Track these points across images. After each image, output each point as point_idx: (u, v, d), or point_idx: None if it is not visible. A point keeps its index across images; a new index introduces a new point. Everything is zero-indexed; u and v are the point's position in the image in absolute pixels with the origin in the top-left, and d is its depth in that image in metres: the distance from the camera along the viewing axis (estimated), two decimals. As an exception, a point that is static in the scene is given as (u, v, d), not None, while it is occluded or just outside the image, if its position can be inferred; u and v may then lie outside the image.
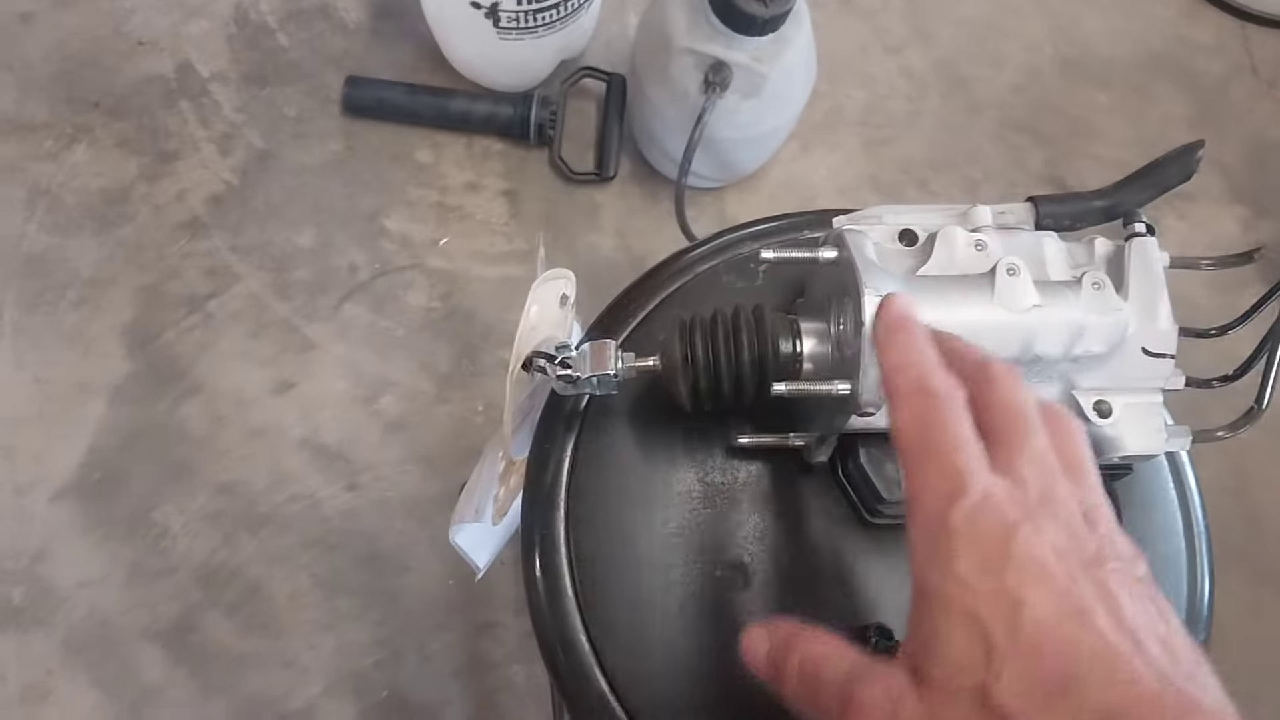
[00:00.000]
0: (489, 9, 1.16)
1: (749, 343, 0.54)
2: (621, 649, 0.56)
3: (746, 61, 1.12)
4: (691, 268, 0.65)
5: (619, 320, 0.63)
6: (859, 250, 0.51)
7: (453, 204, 1.31)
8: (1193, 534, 0.63)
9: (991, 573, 0.37)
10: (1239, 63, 1.50)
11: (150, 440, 1.19)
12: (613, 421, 0.60)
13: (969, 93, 1.44)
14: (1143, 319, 0.54)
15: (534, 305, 0.56)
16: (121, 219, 1.26)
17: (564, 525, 0.59)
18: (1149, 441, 0.55)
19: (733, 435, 0.59)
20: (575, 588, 0.57)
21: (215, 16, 1.36)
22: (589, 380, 0.55)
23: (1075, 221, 0.59)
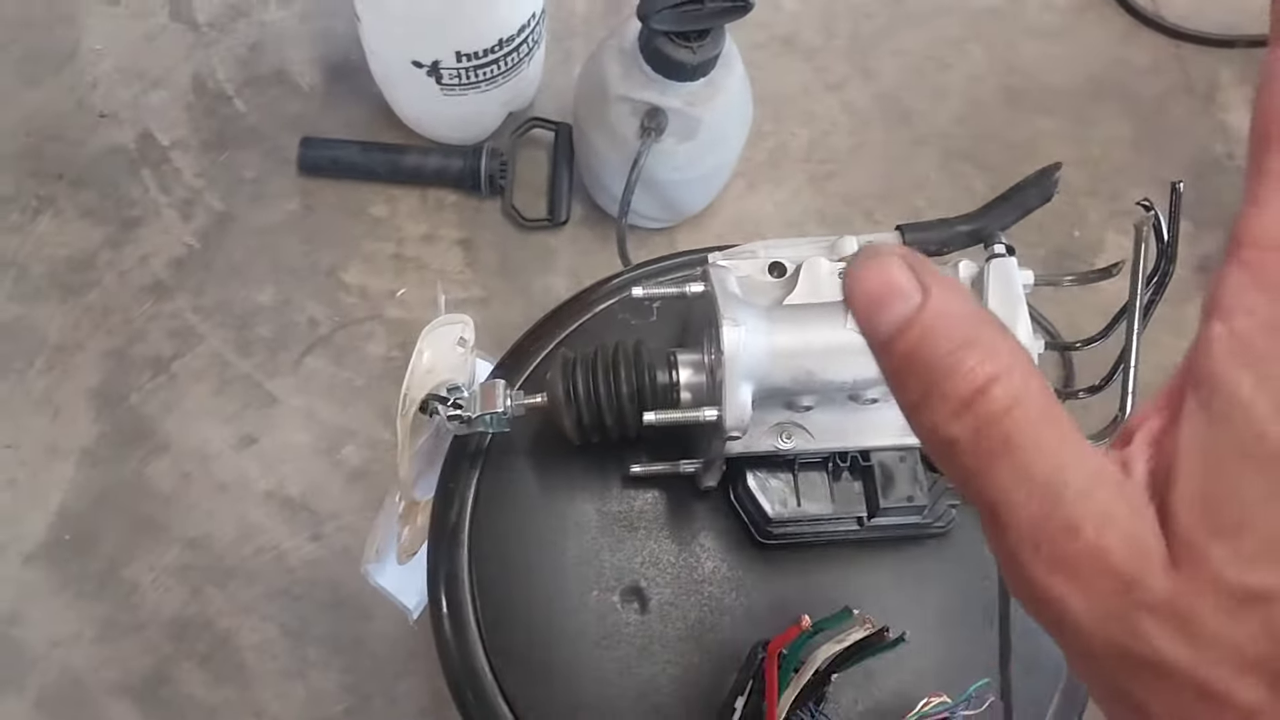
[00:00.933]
0: (430, 67, 1.20)
1: (627, 376, 0.56)
2: (525, 678, 0.59)
3: (680, 106, 1.16)
4: (590, 307, 0.68)
5: (521, 361, 0.66)
6: (720, 283, 0.54)
7: (409, 255, 1.34)
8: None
9: None
10: (1176, 82, 1.53)
11: (119, 499, 1.22)
12: (514, 459, 0.63)
13: (912, 125, 1.47)
14: (1002, 336, 0.56)
15: (426, 350, 0.59)
16: (87, 286, 1.30)
17: (468, 561, 0.61)
18: (1017, 454, 0.57)
19: (628, 465, 0.62)
20: (479, 621, 0.60)
21: (174, 86, 1.40)
22: (482, 419, 0.58)
23: (942, 246, 0.62)
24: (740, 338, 0.51)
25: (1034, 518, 0.24)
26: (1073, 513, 0.24)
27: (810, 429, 0.57)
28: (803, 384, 0.53)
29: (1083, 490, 0.24)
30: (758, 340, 0.52)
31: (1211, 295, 0.25)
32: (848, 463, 0.59)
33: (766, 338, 0.52)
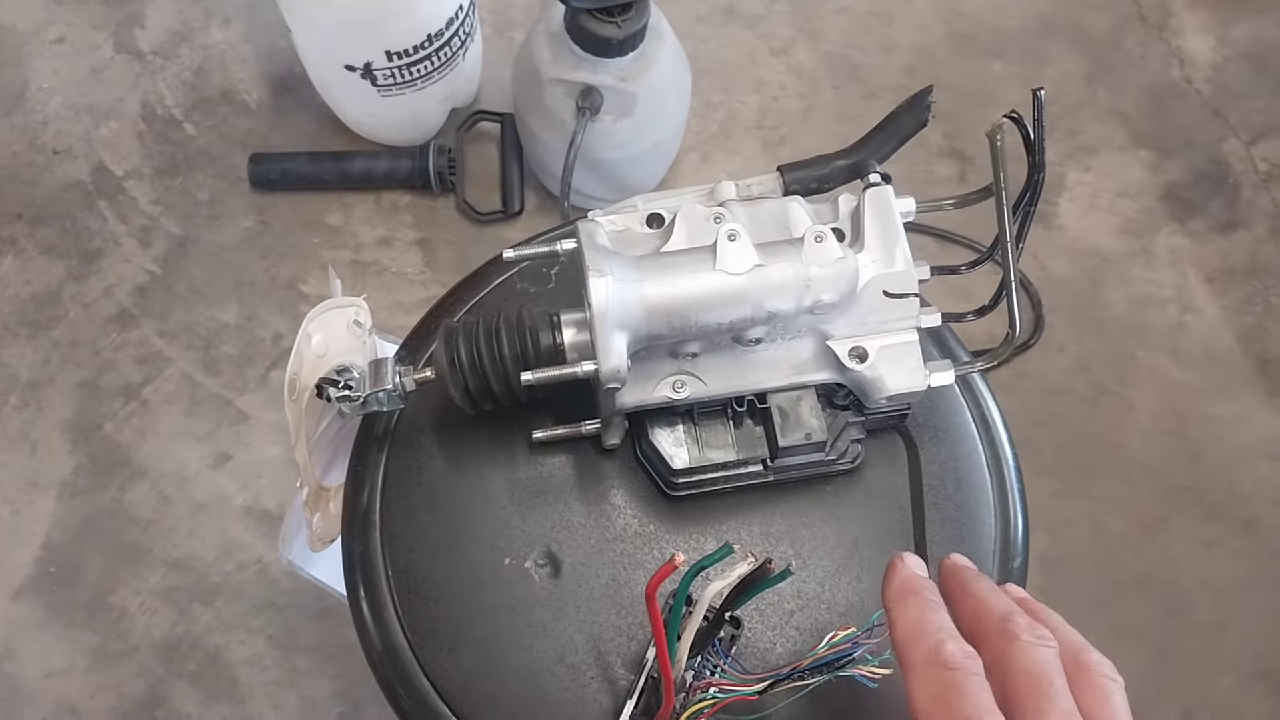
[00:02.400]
0: (364, 69, 1.20)
1: (509, 339, 0.56)
2: (445, 652, 0.59)
3: (612, 83, 1.16)
4: (490, 279, 0.68)
5: (425, 339, 0.66)
6: (589, 237, 0.54)
7: (368, 260, 1.34)
8: (1000, 464, 0.64)
9: None
10: (1126, 12, 1.51)
11: (101, 528, 1.23)
12: (420, 436, 0.63)
13: (862, 81, 1.46)
14: (881, 263, 0.56)
15: (315, 334, 0.59)
16: (53, 321, 1.31)
17: (380, 541, 0.61)
18: (910, 379, 0.56)
19: (532, 432, 0.61)
20: (395, 600, 0.60)
21: (124, 116, 1.41)
22: (374, 397, 0.58)
23: (823, 183, 0.61)
24: (608, 288, 0.51)
25: None
26: None
27: (702, 376, 0.56)
28: (679, 330, 0.53)
29: None
30: (627, 290, 0.51)
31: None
32: (744, 406, 0.58)
33: (636, 286, 0.52)
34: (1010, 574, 0.62)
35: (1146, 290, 1.36)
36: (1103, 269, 1.36)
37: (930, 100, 0.60)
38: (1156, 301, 1.36)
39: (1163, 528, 1.25)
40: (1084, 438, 1.28)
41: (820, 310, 0.54)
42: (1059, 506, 1.25)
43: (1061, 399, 1.29)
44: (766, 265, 0.53)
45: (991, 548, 0.62)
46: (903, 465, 0.62)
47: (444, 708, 0.58)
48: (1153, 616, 1.22)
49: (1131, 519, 1.26)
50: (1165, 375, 1.32)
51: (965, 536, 0.62)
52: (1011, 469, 0.64)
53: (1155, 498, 1.27)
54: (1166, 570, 1.24)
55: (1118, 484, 1.27)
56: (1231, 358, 1.34)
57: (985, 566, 0.62)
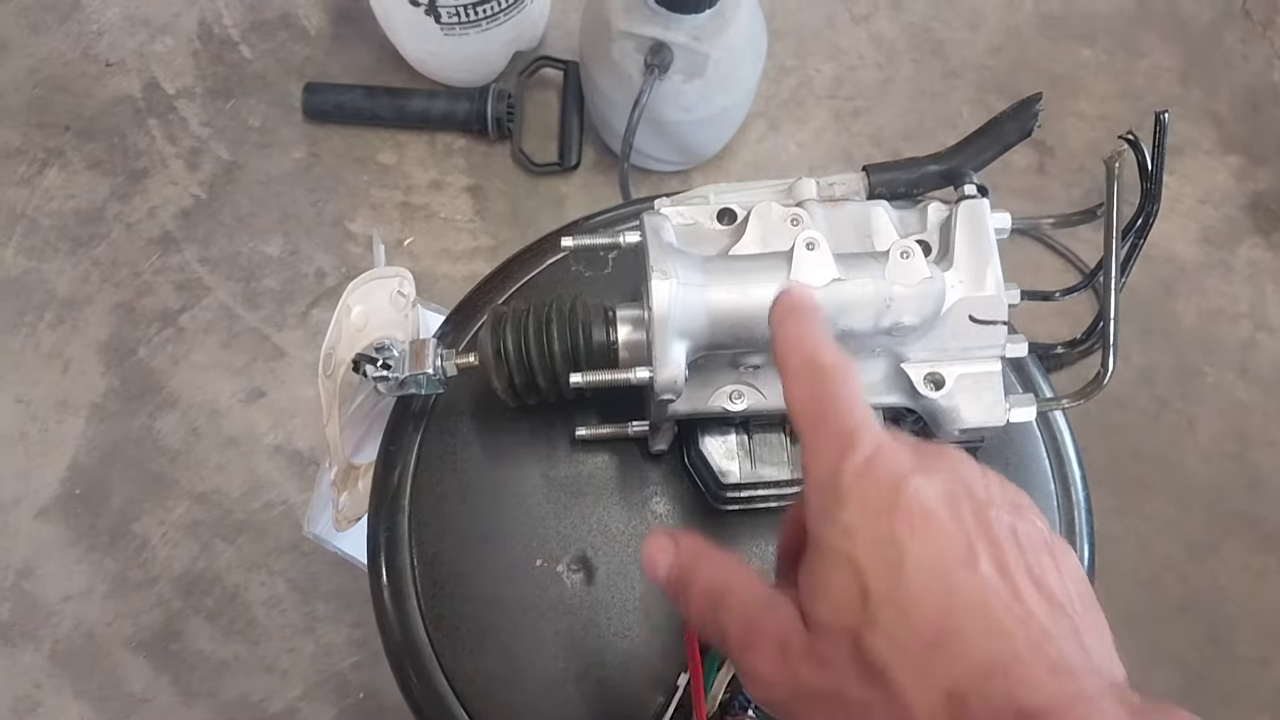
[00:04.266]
0: (428, 6, 1.16)
1: (560, 334, 0.52)
2: (465, 650, 0.56)
3: (686, 41, 1.10)
4: (542, 259, 0.64)
5: (469, 317, 0.63)
6: (655, 232, 0.50)
7: (417, 203, 1.31)
8: (1071, 503, 0.60)
9: (877, 521, 0.36)
10: (1230, 6, 1.43)
11: (129, 454, 1.21)
12: (458, 421, 0.60)
13: (944, 57, 1.40)
14: (969, 285, 0.51)
15: (356, 306, 0.55)
16: (95, 239, 1.29)
17: (408, 527, 0.58)
18: (989, 413, 0.52)
19: (576, 428, 0.58)
20: (418, 590, 0.57)
21: (180, 33, 1.38)
22: (413, 380, 0.55)
23: (912, 188, 0.56)
24: (671, 291, 0.47)
25: (736, 636, 0.39)
26: (758, 625, 0.39)
27: (762, 388, 0.53)
28: (743, 341, 0.49)
29: (760, 613, 0.39)
30: (691, 295, 0.47)
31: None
32: (806, 424, 0.54)
33: (701, 291, 0.48)
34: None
35: (1220, 304, 1.30)
36: (1176, 278, 1.30)
37: (1038, 108, 0.55)
38: (1229, 316, 1.30)
39: (1213, 553, 1.21)
40: (1141, 453, 1.22)
41: (899, 332, 0.50)
42: (1108, 522, 1.20)
43: (1121, 411, 1.24)
44: (845, 280, 0.48)
45: (1054, 594, 0.58)
46: (967, 498, 0.58)
47: (460, 710, 0.55)
48: (1193, 644, 1.18)
49: (1181, 541, 1.21)
50: (1231, 394, 1.26)
51: (1027, 580, 0.58)
52: (1083, 510, 0.60)
53: (1208, 521, 1.22)
54: (1212, 597, 1.19)
55: (1170, 504, 1.22)
56: (1302, 382, 1.28)
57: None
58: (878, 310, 0.49)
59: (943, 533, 0.36)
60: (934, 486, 0.37)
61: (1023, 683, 0.33)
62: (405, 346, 0.54)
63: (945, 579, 0.35)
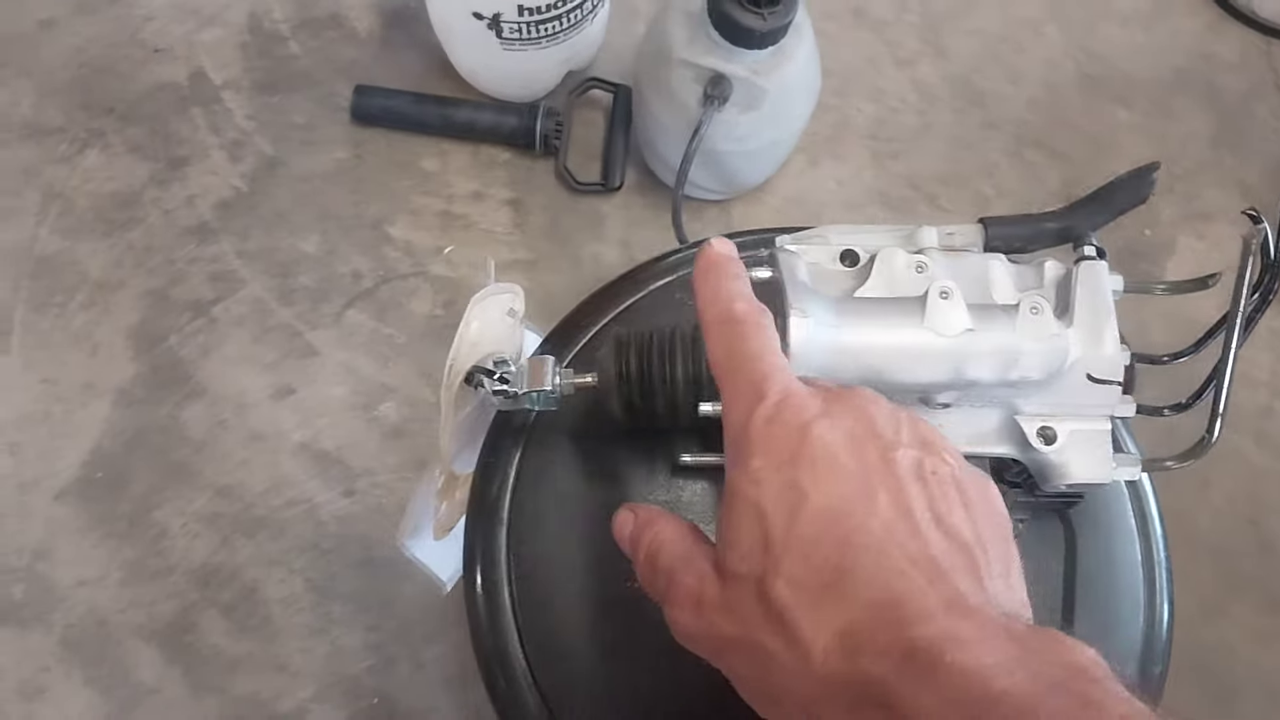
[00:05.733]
0: (491, 19, 1.17)
1: (684, 362, 0.53)
2: (558, 666, 0.56)
3: (745, 75, 1.12)
4: (644, 285, 0.65)
5: (571, 336, 0.64)
6: (790, 271, 0.51)
7: (458, 212, 1.31)
8: (1152, 564, 0.62)
9: (781, 468, 0.38)
10: (1263, 80, 1.47)
11: (153, 442, 1.20)
12: (559, 437, 0.60)
13: (984, 108, 1.42)
14: (1088, 344, 0.52)
15: (474, 320, 0.56)
16: (131, 223, 1.28)
17: (505, 541, 0.59)
18: (1096, 470, 0.54)
19: (677, 454, 0.59)
20: (514, 604, 0.57)
21: (229, 25, 1.38)
22: (528, 396, 0.55)
23: (1027, 244, 0.58)
24: (808, 331, 0.48)
25: (662, 589, 0.42)
26: (677, 578, 0.41)
27: (875, 430, 0.54)
28: (870, 383, 0.50)
29: (681, 567, 0.41)
30: (824, 334, 0.48)
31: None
32: (912, 467, 0.55)
33: (834, 332, 0.49)
34: (1151, 680, 0.60)
35: (1241, 369, 1.32)
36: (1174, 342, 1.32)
37: (1154, 176, 0.57)
38: (1249, 382, 1.32)
39: (1222, 614, 1.23)
40: (1157, 510, 1.25)
41: (1021, 386, 0.51)
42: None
43: (1140, 467, 1.26)
44: (977, 331, 0.49)
45: (1136, 650, 0.60)
46: (1058, 552, 0.60)
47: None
48: (1198, 704, 1.19)
49: (1191, 599, 1.23)
50: (1247, 459, 1.28)
51: (1110, 636, 0.59)
52: (1163, 571, 0.62)
53: (1218, 582, 1.24)
54: (1219, 658, 1.21)
55: (1182, 561, 1.23)
56: (1317, 449, 1.31)
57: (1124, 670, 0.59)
58: (1006, 363, 0.50)
59: (843, 475, 0.37)
60: (839, 429, 0.39)
61: (913, 619, 0.34)
62: (524, 363, 0.55)
63: (844, 520, 0.36)
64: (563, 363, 0.61)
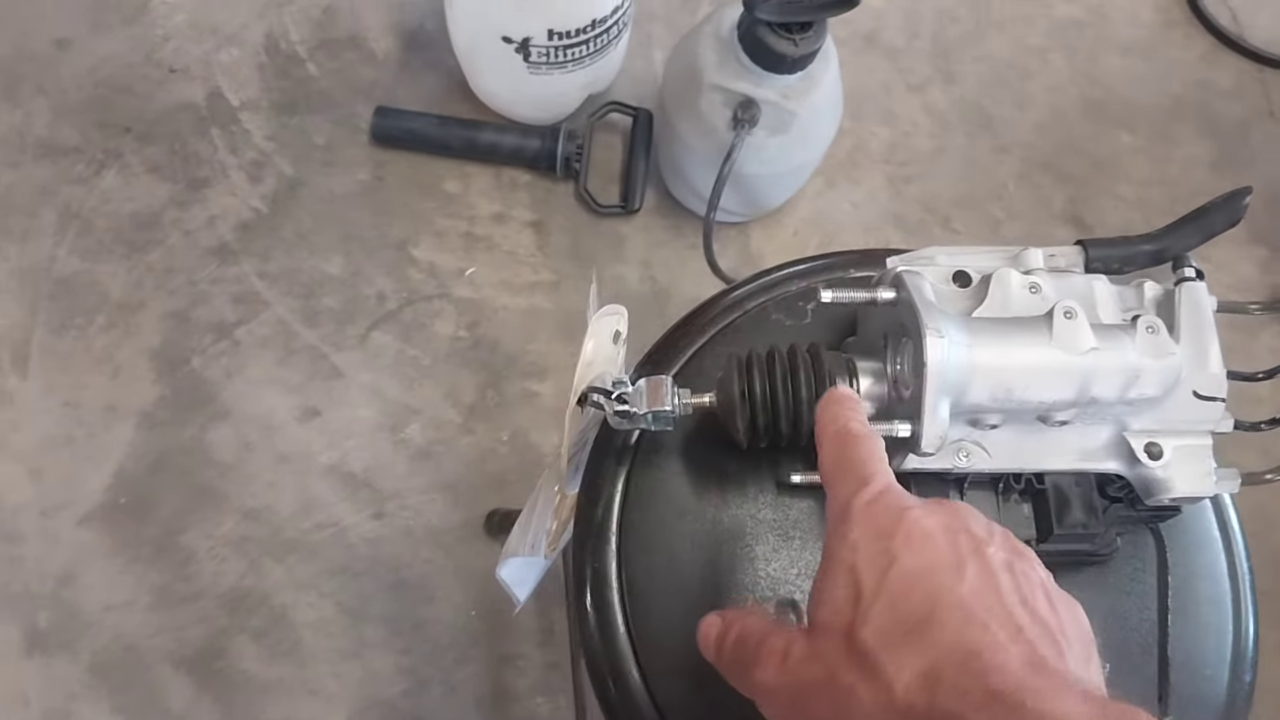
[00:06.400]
0: (520, 44, 1.17)
1: (807, 381, 0.54)
2: (674, 683, 0.57)
3: (775, 99, 1.13)
4: (740, 305, 0.66)
5: (669, 356, 0.64)
6: (919, 292, 0.52)
7: (480, 234, 1.32)
8: (1237, 575, 0.63)
9: (879, 538, 0.41)
10: (1258, 106, 1.51)
11: (177, 465, 1.19)
12: (664, 457, 0.61)
13: (993, 132, 1.45)
14: (1194, 362, 0.54)
15: (590, 340, 0.56)
16: (151, 244, 1.27)
17: (615, 560, 0.59)
18: (1198, 484, 0.55)
19: (784, 472, 0.59)
20: (627, 622, 0.58)
21: (246, 45, 1.37)
22: (645, 416, 0.56)
23: (1124, 265, 0.59)
24: (944, 350, 0.49)
25: (750, 658, 0.43)
26: (766, 643, 0.43)
27: (988, 448, 0.55)
28: (1000, 401, 0.51)
29: (771, 634, 0.44)
30: (959, 353, 0.50)
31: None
32: (1021, 484, 0.57)
33: (968, 351, 0.50)
34: (1240, 690, 0.61)
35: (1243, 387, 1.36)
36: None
37: (1246, 201, 0.59)
38: (1251, 398, 1.35)
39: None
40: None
41: (1137, 403, 0.53)
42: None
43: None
44: (1101, 349, 0.51)
45: (1226, 658, 0.61)
46: (1150, 563, 0.61)
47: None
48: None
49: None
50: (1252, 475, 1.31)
51: (1201, 647, 0.61)
52: (1246, 582, 0.64)
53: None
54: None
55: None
56: (1321, 467, 1.34)
57: (1219, 677, 0.61)
58: (1127, 380, 0.52)
59: (935, 549, 0.40)
60: (935, 519, 0.41)
61: (993, 669, 0.36)
62: (642, 384, 0.55)
63: (932, 580, 0.39)
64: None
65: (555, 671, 1.15)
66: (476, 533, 1.18)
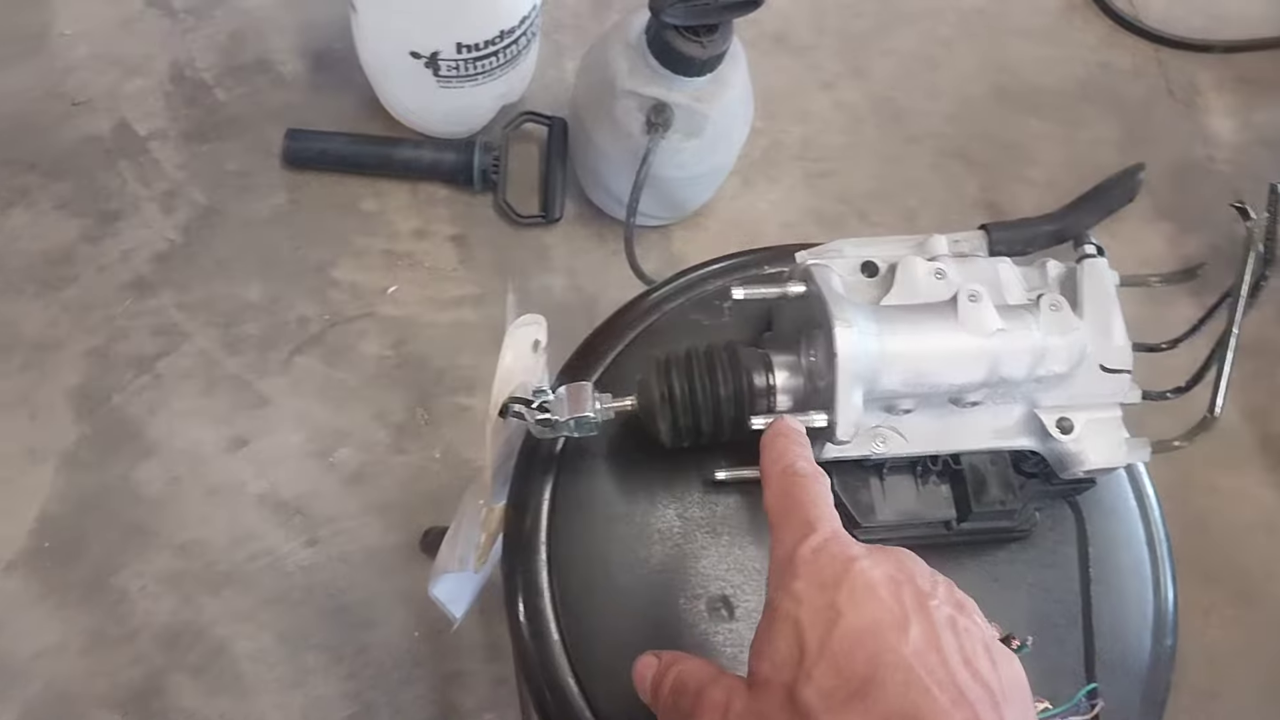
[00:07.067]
0: (429, 59, 1.17)
1: (724, 379, 0.55)
2: (610, 689, 0.57)
3: (687, 102, 1.14)
4: (658, 307, 0.66)
5: (590, 362, 0.64)
6: (826, 284, 0.53)
7: (401, 251, 1.31)
8: (1154, 543, 0.65)
9: (823, 590, 0.40)
10: (1157, 86, 1.55)
11: (104, 504, 1.17)
12: (590, 463, 0.61)
13: (904, 124, 1.47)
14: (1098, 337, 0.56)
15: (508, 351, 0.56)
16: (64, 281, 1.24)
17: (546, 569, 0.59)
18: (1111, 455, 0.57)
19: (710, 470, 0.60)
20: (561, 631, 0.58)
21: (152, 75, 1.35)
22: (567, 423, 0.56)
23: (1026, 246, 0.61)
24: (854, 340, 0.50)
25: (688, 708, 0.44)
26: (705, 694, 0.43)
27: (905, 432, 0.56)
28: (912, 386, 0.52)
29: (709, 685, 0.44)
30: (868, 342, 0.51)
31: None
32: (938, 466, 0.58)
33: (877, 339, 0.51)
34: (1162, 653, 0.63)
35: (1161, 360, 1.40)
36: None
37: (1141, 177, 0.61)
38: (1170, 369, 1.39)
39: (1166, 592, 1.29)
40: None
41: (1046, 380, 0.54)
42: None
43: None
44: (1008, 330, 0.52)
45: (1148, 623, 0.63)
46: (1070, 536, 0.62)
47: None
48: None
49: (1137, 581, 1.29)
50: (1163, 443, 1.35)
51: (1125, 612, 0.62)
52: (1164, 548, 0.65)
53: (1160, 562, 1.30)
54: (1168, 634, 1.27)
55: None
56: (1237, 433, 1.38)
57: (1141, 643, 0.63)
58: (1034, 358, 0.53)
59: (880, 604, 0.40)
60: (880, 570, 0.41)
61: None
62: (563, 392, 0.56)
63: (876, 640, 0.39)
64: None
65: (503, 686, 1.15)
66: (414, 553, 1.17)
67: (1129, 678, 0.61)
